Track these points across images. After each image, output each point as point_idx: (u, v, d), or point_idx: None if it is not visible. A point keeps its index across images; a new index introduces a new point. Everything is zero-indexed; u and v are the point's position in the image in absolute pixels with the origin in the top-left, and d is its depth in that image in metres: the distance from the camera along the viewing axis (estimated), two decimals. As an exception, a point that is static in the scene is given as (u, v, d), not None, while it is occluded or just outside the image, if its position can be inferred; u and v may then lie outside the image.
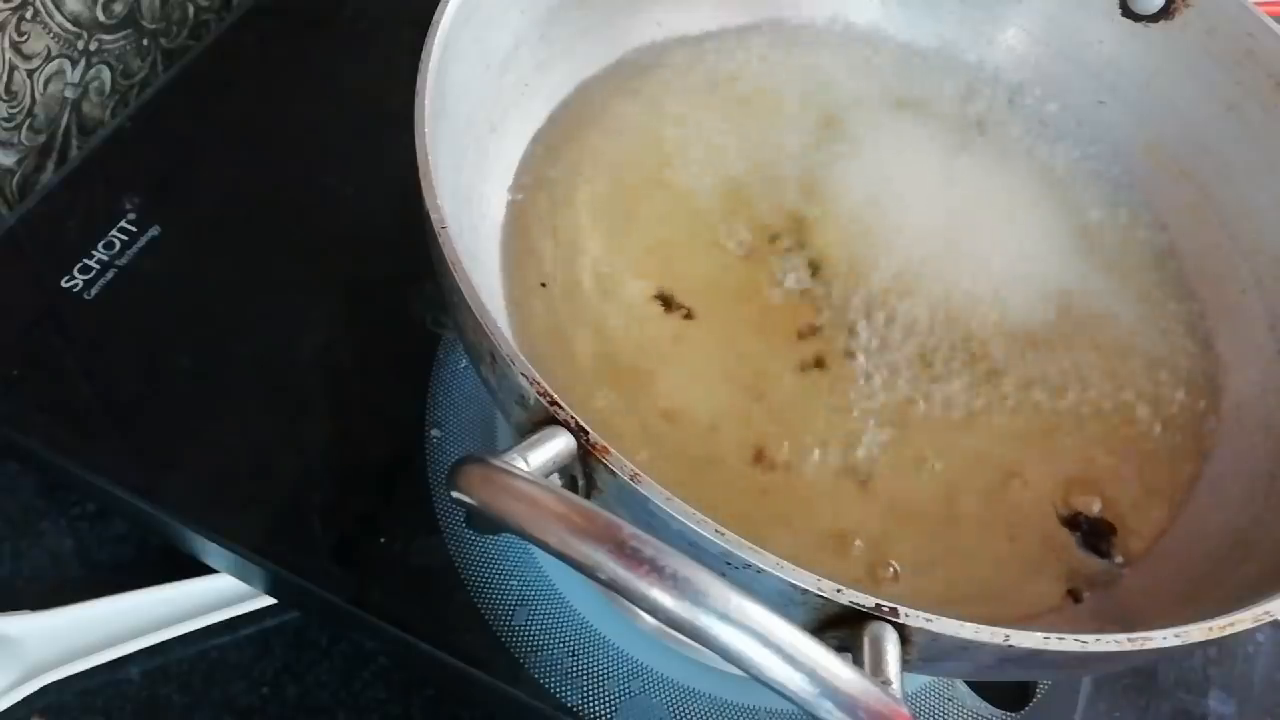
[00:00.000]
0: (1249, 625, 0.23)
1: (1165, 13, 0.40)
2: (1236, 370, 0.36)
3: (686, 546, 0.21)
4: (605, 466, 0.22)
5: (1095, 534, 0.32)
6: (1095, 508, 0.33)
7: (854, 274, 0.37)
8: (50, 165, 0.49)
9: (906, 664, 0.21)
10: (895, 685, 0.20)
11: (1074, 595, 0.31)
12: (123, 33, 0.50)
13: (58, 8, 0.46)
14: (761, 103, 0.42)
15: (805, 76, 0.43)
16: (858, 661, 0.21)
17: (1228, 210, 0.39)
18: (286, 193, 0.46)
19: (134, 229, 0.43)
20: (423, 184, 0.26)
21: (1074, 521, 0.33)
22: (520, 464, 0.21)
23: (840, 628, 0.22)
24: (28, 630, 0.37)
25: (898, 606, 0.21)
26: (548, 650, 0.35)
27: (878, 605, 0.21)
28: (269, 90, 0.50)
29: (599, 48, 0.41)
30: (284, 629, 0.39)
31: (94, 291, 0.42)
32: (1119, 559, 0.32)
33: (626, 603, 0.19)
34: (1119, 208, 0.41)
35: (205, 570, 0.39)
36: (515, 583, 0.36)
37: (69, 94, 0.48)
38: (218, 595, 0.38)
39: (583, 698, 0.35)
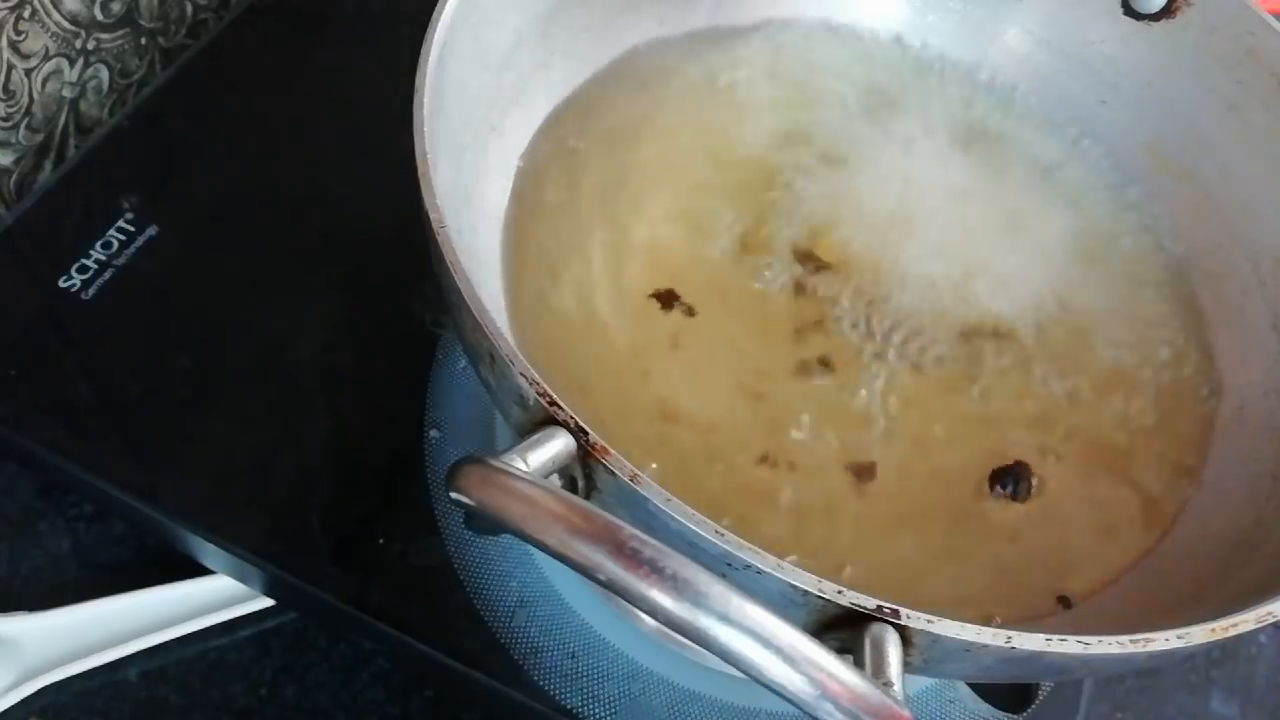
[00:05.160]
0: (1252, 626, 0.23)
1: (1166, 12, 0.40)
2: (1238, 371, 0.36)
3: (686, 547, 0.21)
4: (605, 467, 0.22)
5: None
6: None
7: (854, 273, 0.37)
8: (48, 164, 0.49)
9: (908, 666, 0.21)
10: (897, 687, 0.20)
11: (1064, 601, 0.31)
12: (121, 32, 0.50)
13: (56, 7, 0.45)
14: (762, 103, 0.41)
15: (806, 77, 0.43)
16: (859, 663, 0.20)
17: (1229, 210, 0.39)
18: (285, 192, 0.46)
19: (132, 228, 0.43)
20: (422, 184, 0.26)
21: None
22: (520, 464, 0.21)
23: (841, 629, 0.21)
24: (26, 631, 0.36)
25: (899, 608, 0.21)
26: (547, 652, 0.35)
27: (879, 606, 0.21)
28: (268, 89, 0.49)
29: (599, 46, 0.41)
30: (282, 630, 0.38)
31: (92, 291, 0.41)
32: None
33: (626, 604, 0.19)
34: (1120, 207, 0.41)
35: (204, 571, 0.38)
36: (515, 584, 0.36)
37: (67, 93, 0.48)
38: (216, 596, 0.38)
39: (582, 699, 0.34)
